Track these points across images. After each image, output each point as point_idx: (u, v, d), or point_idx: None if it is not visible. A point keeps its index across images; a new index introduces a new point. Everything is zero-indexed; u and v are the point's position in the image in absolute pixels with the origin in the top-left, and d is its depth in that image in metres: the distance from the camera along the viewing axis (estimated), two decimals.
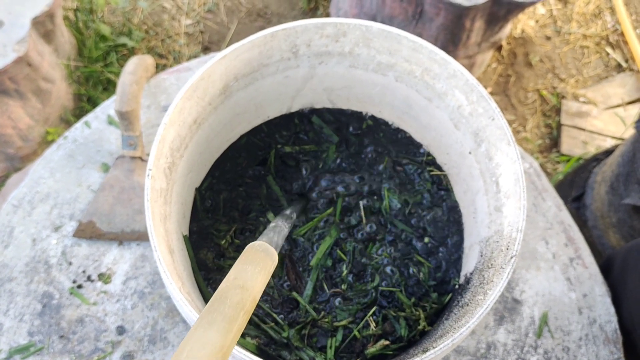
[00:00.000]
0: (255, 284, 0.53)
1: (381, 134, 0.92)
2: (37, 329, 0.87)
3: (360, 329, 0.75)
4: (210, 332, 0.46)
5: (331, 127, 0.91)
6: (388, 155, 0.90)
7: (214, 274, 0.78)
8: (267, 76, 0.82)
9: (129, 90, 0.96)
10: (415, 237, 0.84)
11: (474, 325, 0.60)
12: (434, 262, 0.81)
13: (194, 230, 0.81)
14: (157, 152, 0.66)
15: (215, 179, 0.86)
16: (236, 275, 0.53)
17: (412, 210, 0.85)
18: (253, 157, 0.89)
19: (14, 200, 0.96)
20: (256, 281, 0.53)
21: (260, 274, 0.55)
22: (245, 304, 0.50)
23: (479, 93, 0.74)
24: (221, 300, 0.49)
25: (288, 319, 0.76)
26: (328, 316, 0.76)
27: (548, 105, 2.03)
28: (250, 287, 0.52)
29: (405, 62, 0.80)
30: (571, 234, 1.00)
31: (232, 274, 0.53)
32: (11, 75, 1.40)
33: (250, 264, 0.56)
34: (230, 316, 0.48)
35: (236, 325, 0.47)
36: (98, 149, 1.03)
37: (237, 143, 0.89)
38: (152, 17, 2.08)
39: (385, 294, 0.79)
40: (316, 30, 0.78)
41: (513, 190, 0.70)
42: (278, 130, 0.91)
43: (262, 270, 0.56)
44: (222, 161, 0.87)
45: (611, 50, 2.16)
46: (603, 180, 1.42)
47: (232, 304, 0.49)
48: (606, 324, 0.93)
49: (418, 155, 0.90)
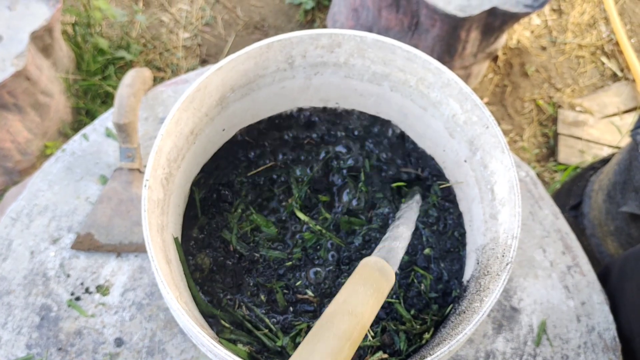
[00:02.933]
0: (366, 309, 0.47)
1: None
2: (35, 342, 0.87)
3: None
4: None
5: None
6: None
7: (209, 283, 0.78)
8: (263, 87, 0.83)
9: (126, 102, 0.97)
10: (418, 248, 0.83)
11: (470, 333, 0.60)
12: (435, 274, 0.81)
13: (191, 236, 0.81)
14: (154, 163, 0.66)
15: (212, 182, 0.86)
16: (346, 299, 0.46)
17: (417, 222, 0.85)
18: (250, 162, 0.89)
19: (12, 213, 0.97)
20: (367, 305, 0.47)
21: (372, 297, 0.48)
22: (352, 333, 0.43)
23: (472, 101, 0.74)
24: (327, 327, 0.42)
25: (281, 324, 0.75)
26: None
27: (544, 115, 2.04)
28: (360, 313, 0.45)
29: (399, 71, 0.81)
30: (568, 242, 1.00)
31: (342, 296, 0.47)
32: (10, 89, 1.41)
33: (363, 285, 0.49)
34: (335, 348, 0.41)
35: (341, 358, 0.41)
36: (96, 162, 1.03)
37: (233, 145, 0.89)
38: (150, 30, 2.10)
39: (383, 305, 0.78)
40: (311, 41, 0.78)
41: (508, 197, 0.70)
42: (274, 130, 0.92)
43: (375, 292, 0.49)
44: (217, 167, 0.88)
45: (606, 59, 2.18)
46: (600, 189, 1.42)
47: (337, 332, 0.42)
48: (605, 332, 0.93)
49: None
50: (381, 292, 0.49)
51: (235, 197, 0.85)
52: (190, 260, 0.78)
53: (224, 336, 0.71)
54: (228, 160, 0.87)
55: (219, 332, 0.72)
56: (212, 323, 0.73)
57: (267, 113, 0.89)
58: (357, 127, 0.91)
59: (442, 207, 0.86)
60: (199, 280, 0.77)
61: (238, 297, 0.77)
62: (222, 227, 0.82)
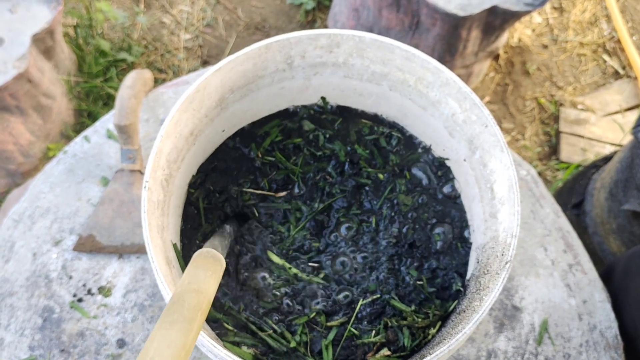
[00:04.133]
0: (209, 287, 0.57)
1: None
2: (38, 343, 0.87)
3: (360, 334, 0.74)
4: (172, 332, 0.49)
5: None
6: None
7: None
8: (262, 87, 0.83)
9: (127, 104, 0.97)
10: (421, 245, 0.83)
11: (470, 332, 0.60)
12: (441, 273, 0.80)
13: (195, 244, 0.81)
14: (153, 164, 0.66)
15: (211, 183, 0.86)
16: (190, 280, 0.57)
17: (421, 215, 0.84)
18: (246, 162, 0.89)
19: (15, 215, 0.97)
20: (209, 284, 0.58)
21: (212, 278, 0.59)
22: (201, 305, 0.54)
23: (471, 100, 0.74)
24: (179, 303, 0.53)
25: (285, 323, 0.75)
26: (321, 316, 0.75)
27: (546, 113, 2.04)
28: (204, 290, 0.56)
29: (398, 71, 0.81)
30: (570, 240, 1.00)
31: (186, 279, 0.57)
32: (12, 91, 1.41)
33: (201, 269, 0.59)
34: (190, 317, 0.51)
35: (195, 325, 0.51)
36: (98, 163, 1.03)
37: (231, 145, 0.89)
38: (151, 32, 2.10)
39: (386, 300, 0.78)
40: (310, 41, 0.78)
41: (507, 196, 0.70)
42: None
43: (213, 274, 0.60)
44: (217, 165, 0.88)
45: (608, 57, 2.17)
46: (602, 187, 1.42)
47: (189, 306, 0.52)
48: (607, 330, 0.93)
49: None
50: (217, 274, 0.61)
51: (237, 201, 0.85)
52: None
53: (228, 339, 0.71)
54: (227, 162, 0.87)
55: (222, 335, 0.72)
56: (214, 327, 0.73)
57: (267, 113, 0.89)
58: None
59: (447, 203, 0.86)
60: None
61: (241, 302, 0.77)
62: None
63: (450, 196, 0.85)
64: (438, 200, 0.85)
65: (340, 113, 0.91)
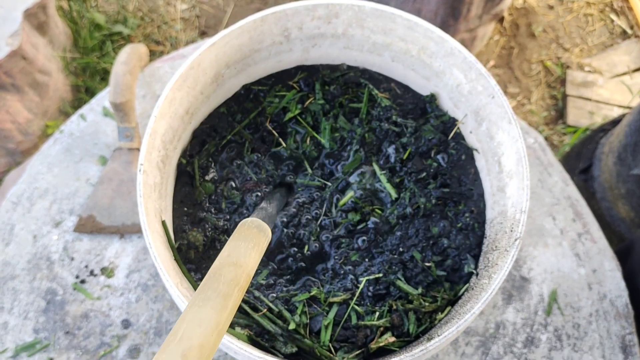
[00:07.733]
0: (249, 260, 0.53)
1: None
2: (42, 326, 0.87)
3: (363, 315, 0.71)
4: (205, 310, 0.46)
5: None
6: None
7: (206, 262, 0.74)
8: (259, 61, 0.80)
9: (122, 80, 0.95)
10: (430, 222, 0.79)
11: (479, 311, 0.58)
12: (453, 253, 0.76)
13: (182, 211, 0.77)
14: (147, 146, 0.64)
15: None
16: (229, 252, 0.53)
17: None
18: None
19: (13, 197, 0.96)
20: (250, 257, 0.54)
21: (253, 250, 0.55)
22: (239, 280, 0.50)
23: (477, 70, 0.71)
24: (215, 278, 0.49)
25: (283, 299, 0.72)
26: (321, 293, 0.71)
27: (553, 76, 1.99)
28: (243, 264, 0.52)
29: (400, 41, 0.78)
30: (579, 209, 0.98)
31: (226, 251, 0.53)
32: (6, 69, 1.38)
33: (243, 240, 0.55)
34: (225, 293, 0.48)
35: (231, 302, 0.48)
36: (95, 142, 1.01)
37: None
38: (147, 3, 2.06)
39: (387, 282, 0.74)
40: (307, 12, 0.75)
41: (516, 169, 0.68)
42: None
43: (255, 246, 0.56)
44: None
45: (616, 17, 2.12)
46: (610, 151, 1.39)
47: (226, 280, 0.49)
48: (617, 299, 0.92)
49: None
50: (260, 246, 0.57)
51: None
52: (183, 240, 0.74)
53: None
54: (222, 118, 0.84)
55: None
56: None
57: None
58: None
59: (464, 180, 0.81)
60: (195, 260, 0.74)
61: None
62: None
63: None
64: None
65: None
